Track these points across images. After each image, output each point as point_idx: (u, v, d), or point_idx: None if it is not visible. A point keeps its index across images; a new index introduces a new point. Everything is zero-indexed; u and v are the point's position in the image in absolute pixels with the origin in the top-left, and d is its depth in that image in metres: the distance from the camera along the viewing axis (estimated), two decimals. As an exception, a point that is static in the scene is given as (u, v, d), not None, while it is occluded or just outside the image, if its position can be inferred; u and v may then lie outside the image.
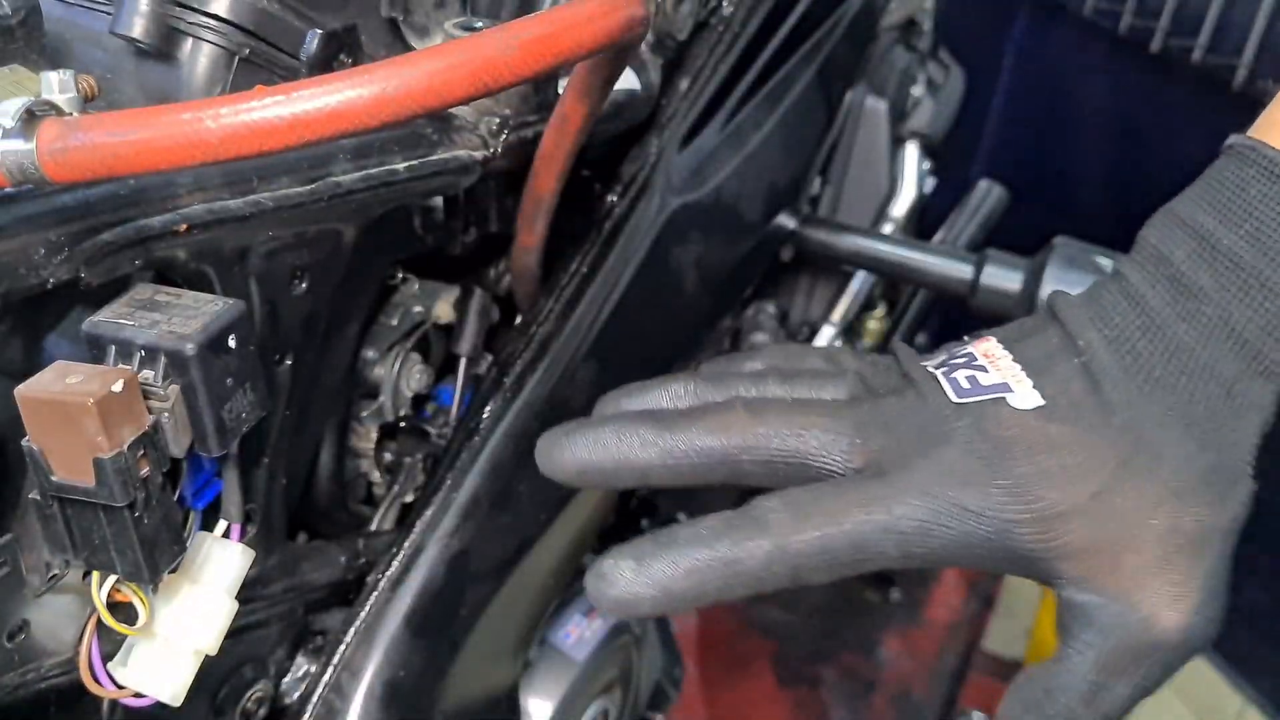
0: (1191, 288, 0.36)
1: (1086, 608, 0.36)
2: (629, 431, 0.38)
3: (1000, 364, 0.38)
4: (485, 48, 0.33)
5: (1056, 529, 0.35)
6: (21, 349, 0.37)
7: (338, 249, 0.46)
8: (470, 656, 0.56)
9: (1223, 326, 0.36)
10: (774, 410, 0.38)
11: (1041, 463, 0.36)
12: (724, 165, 0.70)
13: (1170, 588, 0.35)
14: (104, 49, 0.43)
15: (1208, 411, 0.36)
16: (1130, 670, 0.36)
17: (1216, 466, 0.36)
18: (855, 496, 0.36)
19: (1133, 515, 0.35)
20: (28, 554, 0.38)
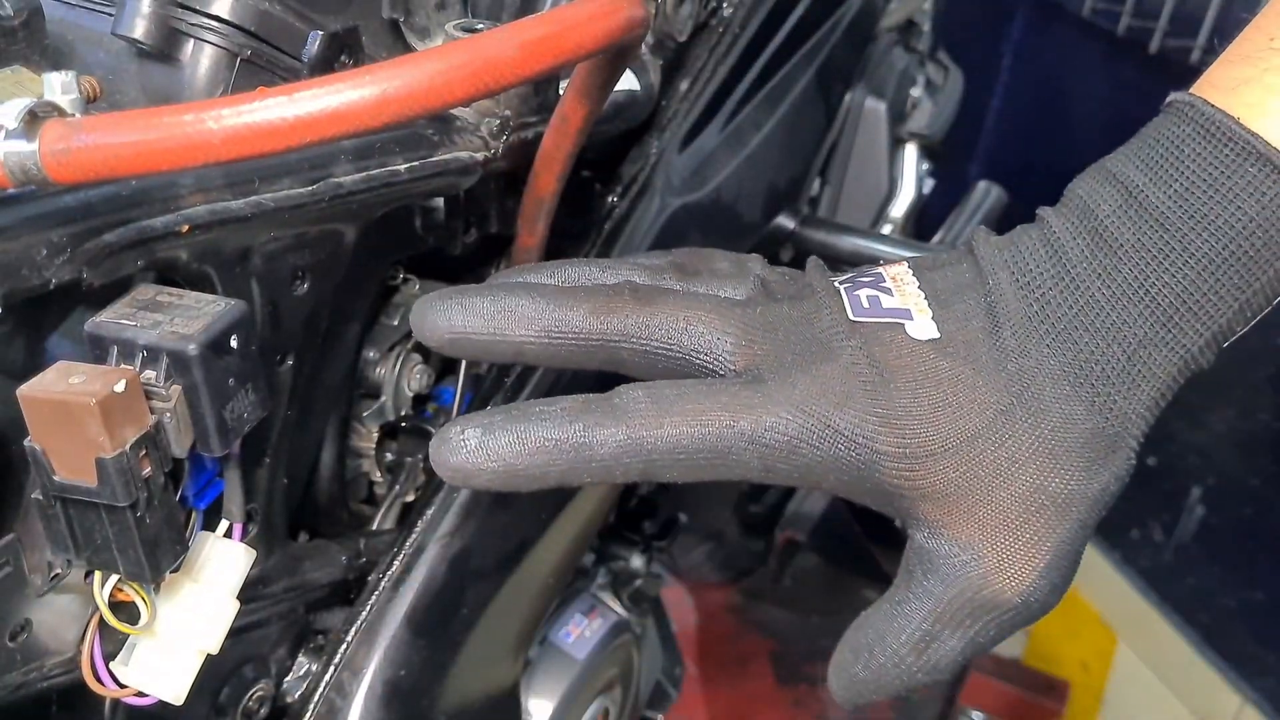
0: (1112, 243, 0.35)
1: (933, 554, 0.35)
2: (509, 303, 0.36)
3: (906, 290, 0.37)
4: (486, 48, 0.33)
5: (923, 467, 0.34)
6: (23, 349, 0.37)
7: (339, 249, 0.46)
8: (471, 655, 0.56)
9: (1138, 288, 0.34)
10: (662, 299, 0.36)
11: (922, 396, 0.34)
12: (724, 166, 0.71)
13: (1020, 547, 0.34)
14: (106, 50, 0.43)
15: (1104, 374, 0.34)
16: (965, 624, 0.35)
17: (1099, 432, 0.34)
18: (725, 399, 0.34)
19: (1001, 466, 0.34)
20: (30, 554, 0.38)
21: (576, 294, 0.37)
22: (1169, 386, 0.35)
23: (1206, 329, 0.34)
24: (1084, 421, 0.34)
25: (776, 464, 0.34)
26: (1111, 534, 1.68)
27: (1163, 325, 0.34)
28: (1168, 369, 0.34)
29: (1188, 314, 0.34)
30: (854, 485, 0.35)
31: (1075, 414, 0.34)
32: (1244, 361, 1.47)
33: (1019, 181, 1.27)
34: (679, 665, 1.02)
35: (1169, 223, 0.34)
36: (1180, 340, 0.34)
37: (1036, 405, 0.34)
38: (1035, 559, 0.34)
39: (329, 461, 0.56)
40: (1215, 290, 0.33)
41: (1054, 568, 0.34)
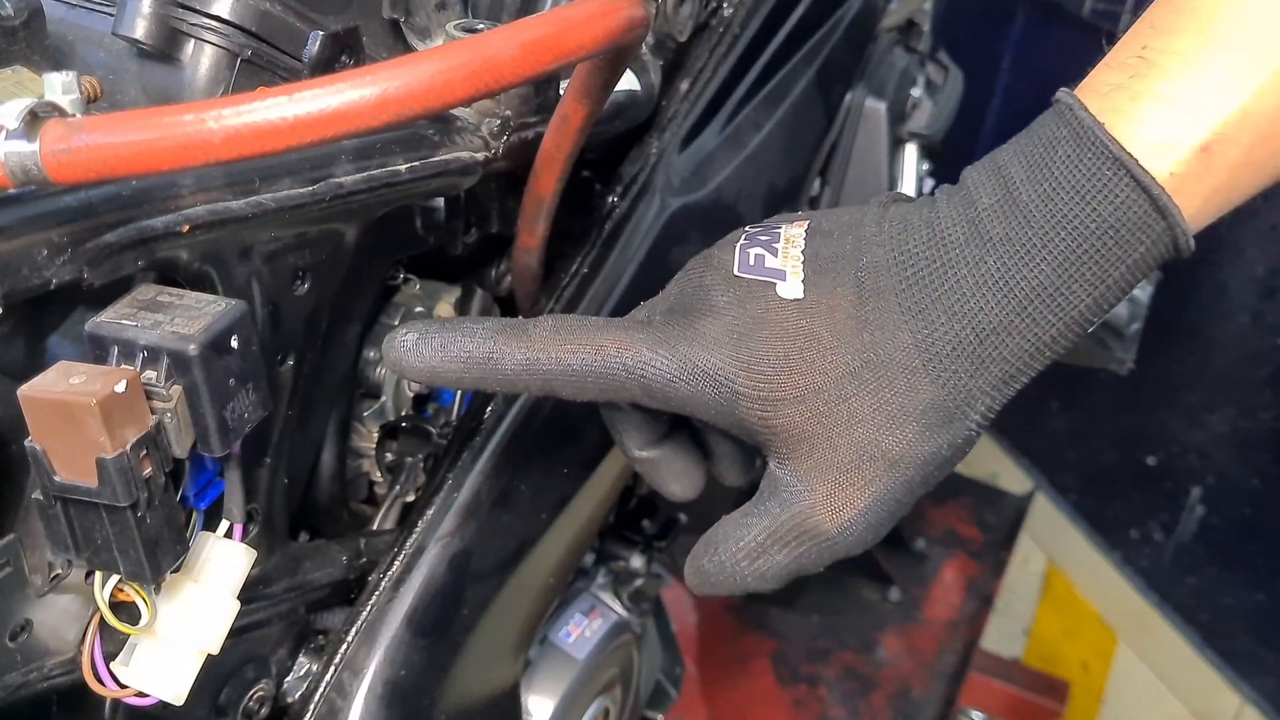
0: (985, 235, 0.37)
1: (778, 481, 0.40)
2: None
3: (791, 252, 0.41)
4: (487, 49, 0.33)
5: (774, 410, 0.39)
6: (24, 349, 0.37)
7: (339, 249, 0.46)
8: (471, 655, 0.56)
9: (1000, 279, 0.37)
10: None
11: (779, 348, 0.38)
12: (724, 166, 0.71)
13: (846, 489, 0.39)
14: (106, 50, 0.43)
15: (953, 353, 0.37)
16: (792, 544, 0.40)
17: (939, 404, 0.38)
18: (617, 335, 0.40)
19: (841, 419, 0.38)
20: (30, 554, 0.38)
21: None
22: (1019, 370, 0.38)
23: (1059, 319, 0.37)
24: (926, 392, 0.38)
25: (654, 394, 0.40)
26: (1111, 534, 1.68)
27: (1017, 314, 0.37)
28: (1018, 354, 0.37)
29: (1042, 306, 0.37)
30: (720, 418, 0.40)
31: (919, 384, 0.38)
32: (1244, 361, 1.47)
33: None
34: (679, 665, 1.02)
35: (1035, 219, 0.36)
36: (1033, 329, 0.37)
37: (883, 371, 0.38)
38: (857, 501, 0.39)
39: (329, 461, 0.56)
40: (1070, 285, 0.36)
41: (873, 511, 0.39)
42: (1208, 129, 0.36)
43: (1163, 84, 0.36)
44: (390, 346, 0.41)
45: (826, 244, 0.41)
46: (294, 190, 0.41)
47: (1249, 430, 1.48)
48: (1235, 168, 0.37)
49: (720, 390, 0.39)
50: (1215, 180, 0.36)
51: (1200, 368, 1.55)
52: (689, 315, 0.40)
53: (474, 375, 0.40)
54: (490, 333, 0.40)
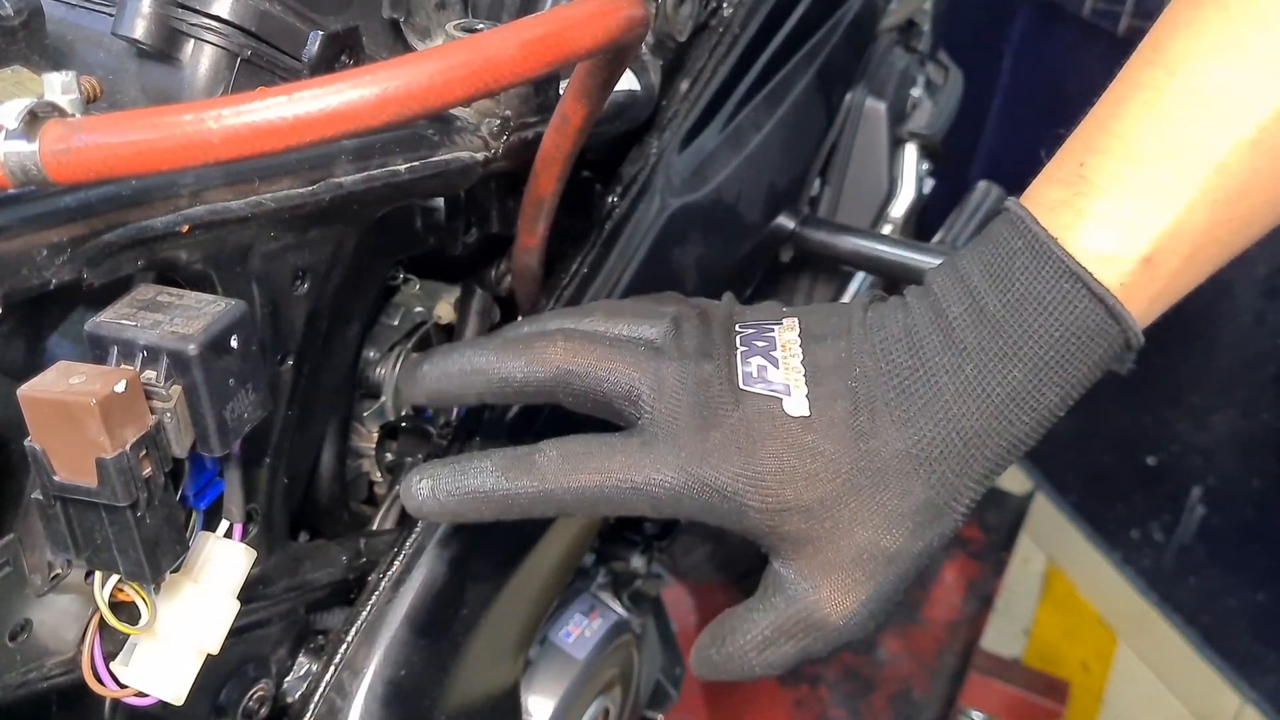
0: (959, 344, 0.41)
1: (783, 579, 0.43)
2: (467, 362, 0.46)
3: (790, 363, 0.43)
4: (486, 48, 0.33)
5: (781, 519, 0.42)
6: (24, 349, 0.37)
7: (339, 249, 0.46)
8: (471, 655, 0.56)
9: (977, 386, 0.40)
10: (588, 348, 0.44)
11: (786, 464, 0.41)
12: (724, 166, 0.71)
13: (848, 586, 0.42)
14: (106, 50, 0.43)
15: (942, 456, 0.41)
16: (799, 636, 0.43)
17: (929, 504, 0.41)
18: (622, 459, 0.42)
19: (843, 523, 0.41)
20: (30, 554, 0.38)
21: (516, 347, 0.45)
22: (997, 465, 0.41)
23: (1032, 418, 0.40)
24: (918, 493, 0.41)
25: (663, 509, 0.42)
26: (1111, 534, 1.68)
27: (995, 418, 0.40)
28: (998, 452, 0.41)
29: (1017, 408, 0.40)
30: (728, 525, 0.43)
31: (912, 488, 0.41)
32: (1245, 362, 1.47)
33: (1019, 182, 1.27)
34: (679, 665, 1.02)
35: (1003, 329, 0.40)
36: (1009, 429, 0.40)
37: (880, 478, 0.41)
38: (859, 595, 0.42)
39: (329, 461, 0.56)
40: (1040, 387, 0.40)
41: (874, 602, 0.42)
42: (1146, 243, 0.39)
43: (1101, 203, 0.40)
44: (408, 496, 0.44)
45: (821, 351, 0.44)
46: (294, 190, 0.41)
47: (1250, 431, 1.48)
48: (1175, 274, 0.40)
49: (729, 504, 0.42)
50: (1158, 285, 0.40)
51: (1202, 368, 1.55)
52: (694, 433, 0.42)
53: (493, 511, 0.43)
54: (499, 468, 0.43)
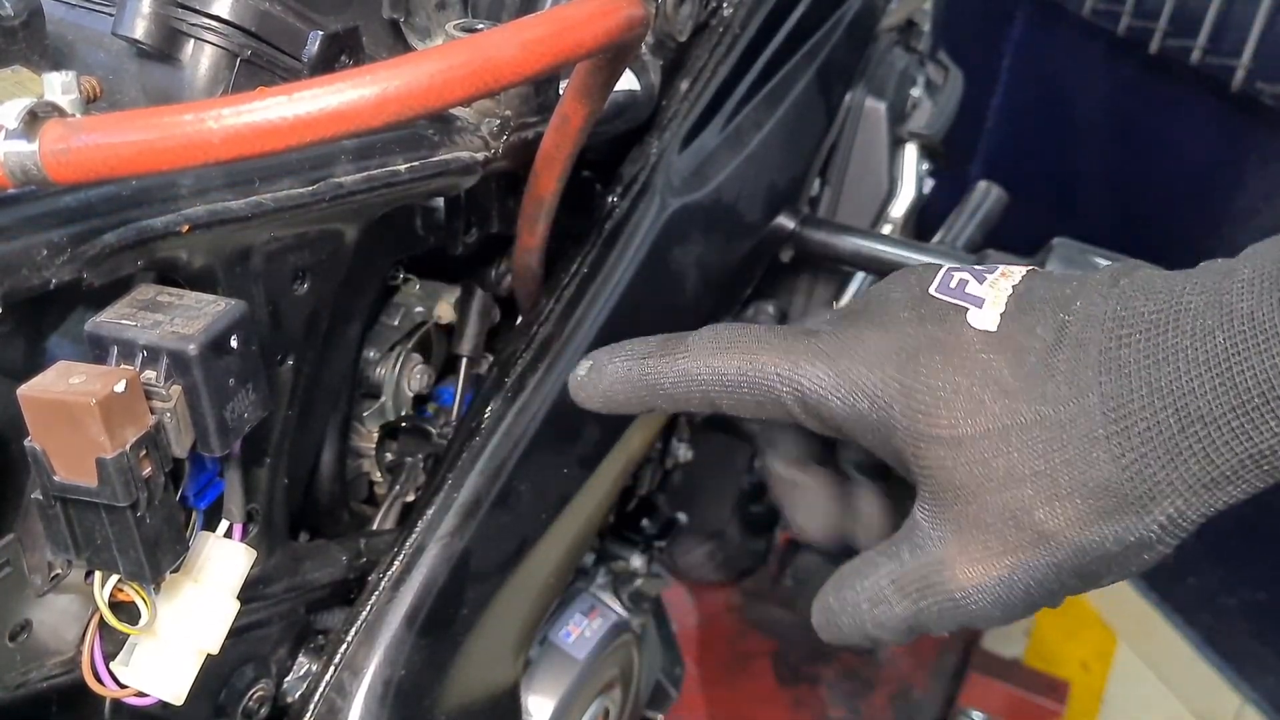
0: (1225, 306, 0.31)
1: (917, 525, 0.36)
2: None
3: (1000, 284, 0.36)
4: (486, 48, 0.33)
5: (928, 447, 0.34)
6: (24, 349, 0.37)
7: (339, 249, 0.46)
8: (471, 655, 0.56)
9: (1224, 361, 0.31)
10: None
11: (950, 378, 0.34)
12: (724, 166, 0.71)
13: (982, 553, 0.34)
14: (106, 50, 0.43)
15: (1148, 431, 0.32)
16: (914, 595, 0.36)
17: (1114, 487, 0.32)
18: (776, 343, 0.37)
19: (998, 475, 0.33)
20: (30, 554, 0.38)
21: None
22: (1224, 477, 0.31)
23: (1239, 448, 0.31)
24: (1102, 467, 0.32)
25: (810, 409, 0.37)
26: (1112, 534, 1.68)
27: (1234, 407, 0.31)
28: (1226, 456, 0.31)
29: (1267, 403, 0.30)
30: (878, 444, 0.36)
31: (1096, 456, 0.32)
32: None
33: (1019, 181, 1.27)
34: (679, 665, 1.02)
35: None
36: (1249, 431, 0.31)
37: (1059, 432, 0.33)
38: (992, 567, 0.34)
39: (329, 461, 0.56)
40: None
41: (1008, 584, 0.34)
42: None
43: None
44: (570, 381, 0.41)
45: (1044, 285, 0.36)
46: (294, 190, 0.41)
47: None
48: None
49: (877, 414, 0.35)
50: None
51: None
52: (860, 325, 0.37)
53: (639, 396, 0.40)
54: (650, 351, 0.40)
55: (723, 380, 0.38)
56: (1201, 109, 1.59)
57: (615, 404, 0.40)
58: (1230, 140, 1.55)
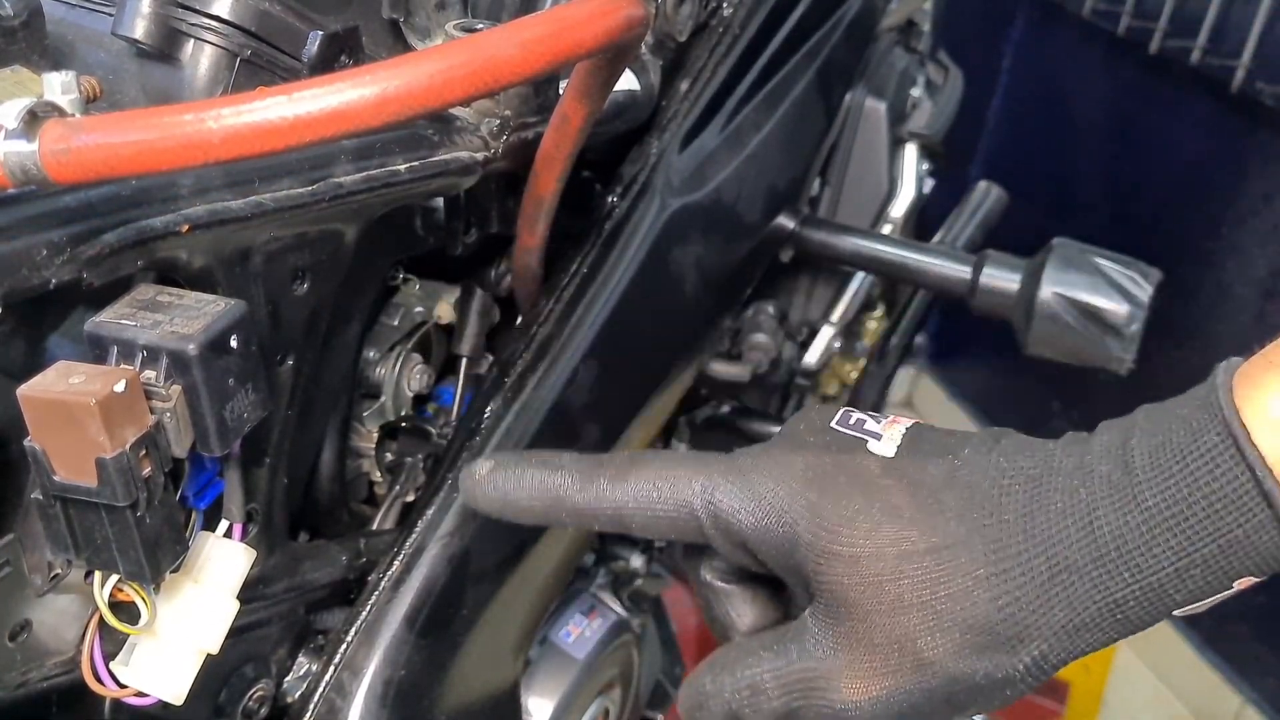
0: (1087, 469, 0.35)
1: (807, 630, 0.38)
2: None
3: (895, 427, 0.39)
4: (486, 48, 0.33)
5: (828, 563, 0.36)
6: (24, 349, 0.37)
7: (339, 249, 0.46)
8: (471, 655, 0.56)
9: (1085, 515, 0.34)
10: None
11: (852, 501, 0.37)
12: (724, 166, 0.71)
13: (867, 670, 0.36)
14: (106, 50, 0.43)
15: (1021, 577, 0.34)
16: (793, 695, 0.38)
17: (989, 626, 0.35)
18: (692, 462, 0.39)
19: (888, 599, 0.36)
20: (30, 554, 0.38)
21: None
22: (1085, 624, 0.34)
23: (1136, 580, 0.33)
24: (980, 607, 0.35)
25: (721, 525, 0.38)
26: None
27: (1093, 559, 0.34)
28: (1087, 605, 0.34)
29: (1118, 559, 0.34)
30: (779, 559, 0.38)
31: (976, 596, 0.35)
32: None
33: (1019, 181, 1.27)
34: (679, 665, 1.02)
35: (1134, 467, 0.34)
36: (1106, 582, 0.34)
37: (945, 567, 0.35)
38: (873, 687, 0.36)
39: (329, 461, 0.56)
40: (1148, 546, 0.33)
41: (885, 704, 0.36)
42: None
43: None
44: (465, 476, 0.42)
45: (932, 433, 0.39)
46: (294, 190, 0.41)
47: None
48: None
49: (784, 528, 0.37)
50: None
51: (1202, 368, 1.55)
52: (771, 449, 0.39)
53: (544, 507, 0.41)
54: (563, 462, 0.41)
55: (638, 497, 0.39)
56: (1201, 109, 1.59)
57: (515, 509, 0.41)
58: (1230, 140, 1.55)
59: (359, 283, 0.51)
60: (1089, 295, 0.77)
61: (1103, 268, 0.77)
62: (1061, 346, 0.79)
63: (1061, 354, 0.80)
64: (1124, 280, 0.77)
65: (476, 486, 0.41)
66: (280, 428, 0.46)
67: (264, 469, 0.46)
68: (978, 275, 0.84)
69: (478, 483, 0.41)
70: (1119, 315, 0.76)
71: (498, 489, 0.41)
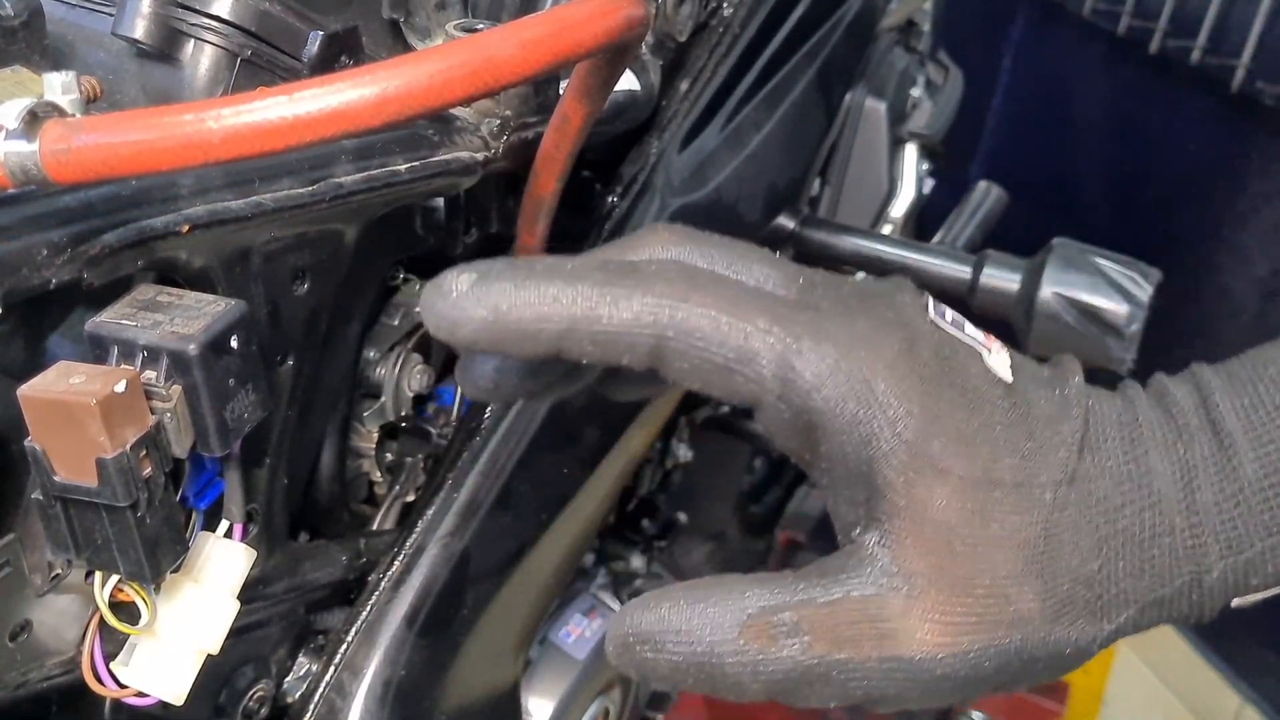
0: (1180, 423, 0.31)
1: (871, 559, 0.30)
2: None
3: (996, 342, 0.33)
4: (486, 48, 0.33)
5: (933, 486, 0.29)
6: (24, 349, 0.37)
7: (339, 249, 0.46)
8: (471, 655, 0.56)
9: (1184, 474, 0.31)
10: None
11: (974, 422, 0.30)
12: (724, 166, 0.71)
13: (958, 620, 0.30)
14: (106, 50, 0.43)
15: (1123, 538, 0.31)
16: (833, 640, 0.29)
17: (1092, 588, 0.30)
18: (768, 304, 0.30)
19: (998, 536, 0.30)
20: (30, 554, 0.38)
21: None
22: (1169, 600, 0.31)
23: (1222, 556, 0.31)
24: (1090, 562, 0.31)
25: (793, 395, 0.29)
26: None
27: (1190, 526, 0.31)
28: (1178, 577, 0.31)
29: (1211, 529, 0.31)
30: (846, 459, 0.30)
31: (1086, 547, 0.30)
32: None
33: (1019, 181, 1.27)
34: (679, 665, 1.02)
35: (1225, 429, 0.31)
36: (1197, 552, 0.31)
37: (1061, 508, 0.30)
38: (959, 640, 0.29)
39: (329, 462, 0.56)
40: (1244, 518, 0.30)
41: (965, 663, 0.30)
42: None
43: None
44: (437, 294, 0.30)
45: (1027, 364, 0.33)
46: (294, 190, 0.41)
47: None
48: None
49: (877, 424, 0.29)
50: None
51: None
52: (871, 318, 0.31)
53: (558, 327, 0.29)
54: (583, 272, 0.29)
55: (694, 328, 0.29)
56: (1201, 109, 1.59)
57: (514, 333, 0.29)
58: (1230, 140, 1.55)
59: (359, 283, 0.51)
60: (1089, 295, 0.77)
61: (1103, 268, 0.77)
62: (1061, 346, 0.79)
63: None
64: (1124, 280, 0.77)
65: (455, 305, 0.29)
66: (280, 428, 0.46)
67: (264, 469, 0.46)
68: (978, 275, 0.84)
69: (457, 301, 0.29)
70: (1119, 315, 0.76)
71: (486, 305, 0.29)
